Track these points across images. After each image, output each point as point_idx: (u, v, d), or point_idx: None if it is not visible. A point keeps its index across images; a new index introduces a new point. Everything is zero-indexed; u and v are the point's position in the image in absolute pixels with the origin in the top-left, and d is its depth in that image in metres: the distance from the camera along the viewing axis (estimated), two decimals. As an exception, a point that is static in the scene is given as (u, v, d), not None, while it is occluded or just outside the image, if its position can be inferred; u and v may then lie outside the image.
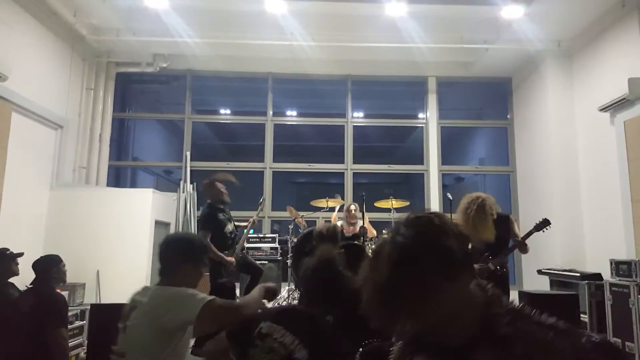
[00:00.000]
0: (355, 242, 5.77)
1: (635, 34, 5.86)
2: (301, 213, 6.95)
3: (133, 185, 9.44)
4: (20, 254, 3.75)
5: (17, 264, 3.70)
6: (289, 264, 6.36)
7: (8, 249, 3.77)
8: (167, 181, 9.91)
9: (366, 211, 6.19)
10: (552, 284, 6.42)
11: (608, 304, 5.03)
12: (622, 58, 6.11)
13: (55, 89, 6.76)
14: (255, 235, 7.21)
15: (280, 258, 7.06)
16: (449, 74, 8.61)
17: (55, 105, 6.73)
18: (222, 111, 9.76)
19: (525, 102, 8.15)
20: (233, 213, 7.92)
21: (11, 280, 3.69)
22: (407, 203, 7.11)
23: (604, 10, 6.29)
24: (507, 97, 8.75)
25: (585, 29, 6.76)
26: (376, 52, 7.65)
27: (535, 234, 4.38)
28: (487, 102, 9.63)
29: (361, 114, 9.11)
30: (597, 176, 6.61)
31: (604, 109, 6.30)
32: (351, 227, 6.25)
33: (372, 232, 6.38)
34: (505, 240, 4.49)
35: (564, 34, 7.01)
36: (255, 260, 6.91)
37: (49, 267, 3.50)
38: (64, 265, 3.60)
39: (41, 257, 3.61)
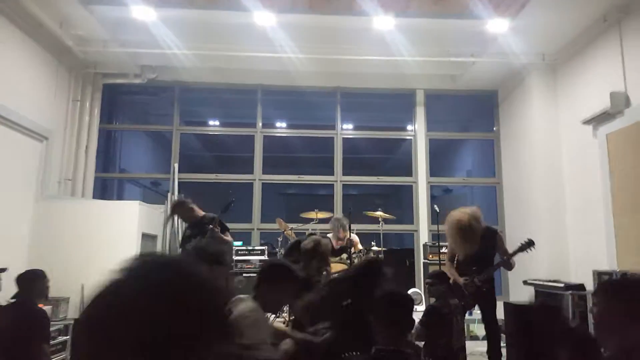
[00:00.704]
0: (343, 254, 5.77)
1: (616, 48, 5.97)
2: (291, 225, 6.94)
3: (120, 197, 9.36)
4: (3, 269, 3.69)
5: (0, 279, 3.64)
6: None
7: None
8: (154, 193, 9.82)
9: (355, 222, 6.20)
10: (537, 294, 6.44)
11: (590, 314, 5.06)
12: (604, 72, 6.21)
13: (40, 101, 6.69)
14: (245, 248, 7.16)
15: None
16: (436, 87, 8.70)
17: (41, 116, 6.65)
18: (210, 122, 9.74)
19: (511, 114, 8.25)
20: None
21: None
22: (394, 217, 7.14)
23: (586, 25, 6.40)
24: (494, 109, 8.85)
25: (569, 43, 6.89)
26: (365, 65, 7.71)
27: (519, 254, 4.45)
28: (474, 115, 9.74)
29: (350, 126, 9.15)
30: (581, 188, 6.69)
31: (586, 122, 6.39)
32: (339, 242, 6.24)
33: (358, 247, 6.35)
34: (491, 254, 4.53)
35: (548, 48, 7.13)
36: (244, 273, 6.89)
37: (32, 282, 3.44)
38: (48, 281, 3.55)
39: (26, 271, 3.55)
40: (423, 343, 3.94)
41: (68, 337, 4.67)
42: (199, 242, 4.78)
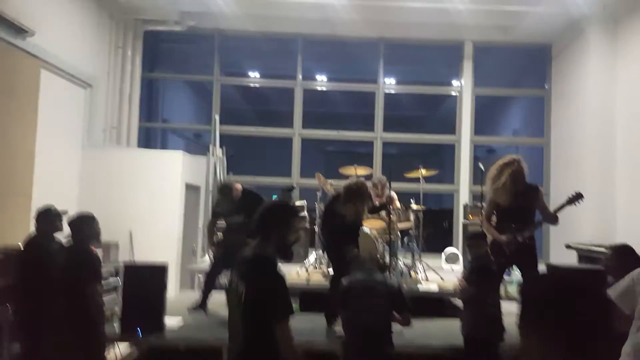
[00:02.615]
0: (382, 211, 5.71)
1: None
2: (330, 181, 6.90)
3: (163, 147, 9.49)
4: (65, 212, 3.82)
5: (62, 220, 3.77)
6: (316, 230, 6.36)
7: (52, 206, 3.84)
8: (196, 145, 9.94)
9: (395, 181, 6.10)
10: (581, 259, 6.26)
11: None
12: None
13: (82, 47, 6.65)
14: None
15: (308, 226, 7.06)
16: (486, 39, 8.25)
17: (84, 63, 6.63)
18: (250, 74, 9.62)
19: (565, 70, 7.80)
20: (262, 179, 8.08)
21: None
22: (436, 171, 6.93)
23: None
24: (546, 65, 8.37)
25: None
26: (411, 13, 7.34)
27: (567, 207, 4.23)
28: (524, 70, 9.26)
29: (393, 80, 8.86)
30: (634, 151, 6.34)
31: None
32: (378, 198, 6.18)
33: (396, 204, 6.28)
34: (531, 211, 4.34)
35: (611, -4, 6.57)
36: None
37: (84, 225, 3.55)
38: (98, 224, 3.65)
39: (77, 215, 3.66)
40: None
41: (118, 277, 4.87)
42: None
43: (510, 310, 3.71)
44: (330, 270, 5.09)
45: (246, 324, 2.14)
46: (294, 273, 5.79)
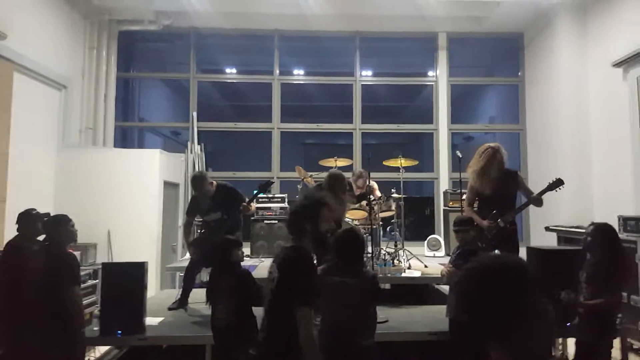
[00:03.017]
0: (363, 201, 5.77)
1: (653, -15, 5.61)
2: (310, 173, 6.93)
3: (141, 146, 9.42)
4: (47, 214, 3.79)
5: (43, 223, 3.74)
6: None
7: (35, 209, 3.81)
8: (174, 142, 9.87)
9: (374, 171, 6.16)
10: (560, 240, 6.43)
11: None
12: (637, 12, 5.89)
13: (56, 48, 6.62)
14: (265, 196, 7.17)
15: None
16: (459, 30, 8.36)
17: (57, 64, 6.61)
18: (227, 70, 9.59)
19: (537, 58, 7.94)
20: (241, 174, 8.07)
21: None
22: (416, 162, 7.03)
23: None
24: (519, 53, 8.52)
25: (602, -20, 6.48)
26: (385, 6, 7.42)
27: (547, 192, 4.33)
28: (497, 59, 9.39)
29: (369, 73, 8.92)
30: (608, 133, 6.51)
31: (617, 64, 6.13)
32: (359, 189, 6.24)
33: (376, 193, 6.36)
34: (512, 196, 4.44)
35: (579, -15, 6.72)
36: (264, 220, 6.98)
37: (58, 226, 3.53)
38: (73, 225, 3.62)
39: (51, 216, 3.64)
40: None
41: (97, 280, 4.84)
42: None
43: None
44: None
45: (272, 310, 2.27)
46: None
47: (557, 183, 4.27)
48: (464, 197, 4.81)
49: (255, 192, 5.00)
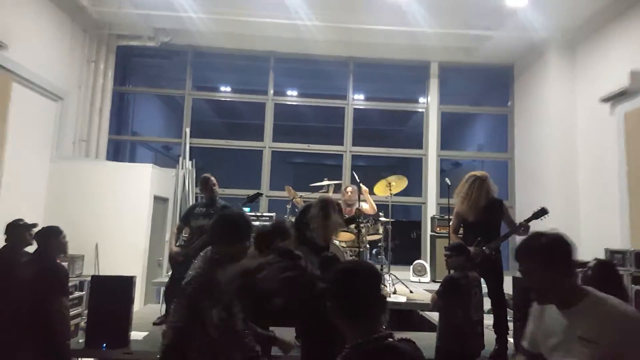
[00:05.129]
0: (352, 224, 5.82)
1: (637, 26, 5.86)
2: (299, 193, 7.00)
3: (132, 160, 9.43)
4: (35, 225, 3.79)
5: (31, 234, 3.74)
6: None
7: (22, 220, 3.81)
8: (165, 157, 9.91)
9: (363, 192, 6.26)
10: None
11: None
12: (624, 50, 6.11)
13: (55, 60, 6.69)
14: (252, 214, 7.21)
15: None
16: (451, 59, 8.58)
17: (56, 76, 6.67)
18: (222, 88, 9.71)
19: (527, 90, 8.16)
20: (231, 191, 8.08)
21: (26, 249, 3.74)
22: (405, 181, 6.97)
23: (607, 2, 6.28)
24: (509, 84, 8.75)
25: (589, 19, 6.74)
26: (380, 35, 7.61)
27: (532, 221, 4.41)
28: (488, 89, 9.62)
29: (362, 96, 9.09)
30: (595, 166, 6.67)
31: (604, 100, 6.33)
32: (348, 208, 6.30)
33: (373, 209, 6.42)
34: (497, 224, 4.52)
35: (568, 24, 6.98)
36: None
37: (50, 238, 3.54)
38: (65, 237, 3.64)
39: (43, 228, 3.65)
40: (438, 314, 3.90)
41: (84, 292, 4.83)
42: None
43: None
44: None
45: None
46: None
47: (541, 212, 4.35)
48: (451, 222, 4.89)
49: (244, 201, 5.05)
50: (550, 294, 1.86)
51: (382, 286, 5.36)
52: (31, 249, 3.69)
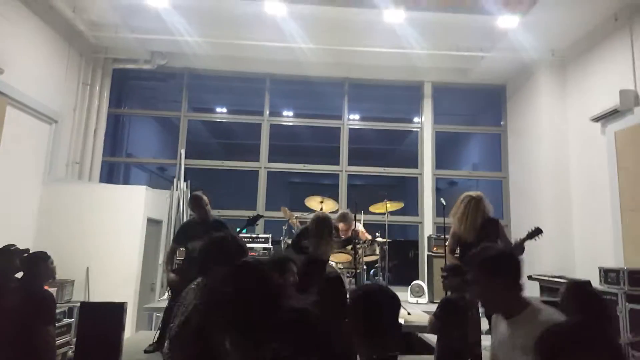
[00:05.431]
0: (348, 245, 5.79)
1: (626, 46, 5.93)
2: (295, 214, 6.97)
3: (126, 181, 9.41)
4: (26, 250, 3.74)
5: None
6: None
7: (14, 245, 3.76)
8: (160, 178, 9.89)
9: (360, 214, 6.22)
10: (543, 290, 6.45)
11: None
12: (614, 69, 6.19)
13: (51, 84, 6.73)
14: (248, 235, 7.15)
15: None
16: (444, 80, 8.67)
17: (51, 99, 6.70)
18: (218, 110, 9.75)
19: (519, 109, 8.22)
20: (227, 212, 8.03)
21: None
22: (401, 205, 7.08)
23: (597, 22, 6.38)
24: (502, 104, 8.82)
25: (579, 39, 6.84)
26: (374, 57, 7.70)
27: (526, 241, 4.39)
28: (481, 109, 9.69)
29: (357, 117, 9.14)
30: (588, 184, 6.69)
31: (595, 119, 6.38)
32: (344, 232, 6.27)
33: (365, 235, 6.41)
34: (492, 243, 4.49)
35: (558, 44, 7.08)
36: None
37: (36, 264, 3.48)
38: (52, 262, 3.57)
39: (29, 254, 3.59)
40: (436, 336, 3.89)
41: (72, 319, 4.74)
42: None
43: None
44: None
45: None
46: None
47: (536, 232, 4.34)
48: (447, 243, 4.86)
49: (244, 224, 4.95)
50: (495, 304, 1.99)
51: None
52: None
